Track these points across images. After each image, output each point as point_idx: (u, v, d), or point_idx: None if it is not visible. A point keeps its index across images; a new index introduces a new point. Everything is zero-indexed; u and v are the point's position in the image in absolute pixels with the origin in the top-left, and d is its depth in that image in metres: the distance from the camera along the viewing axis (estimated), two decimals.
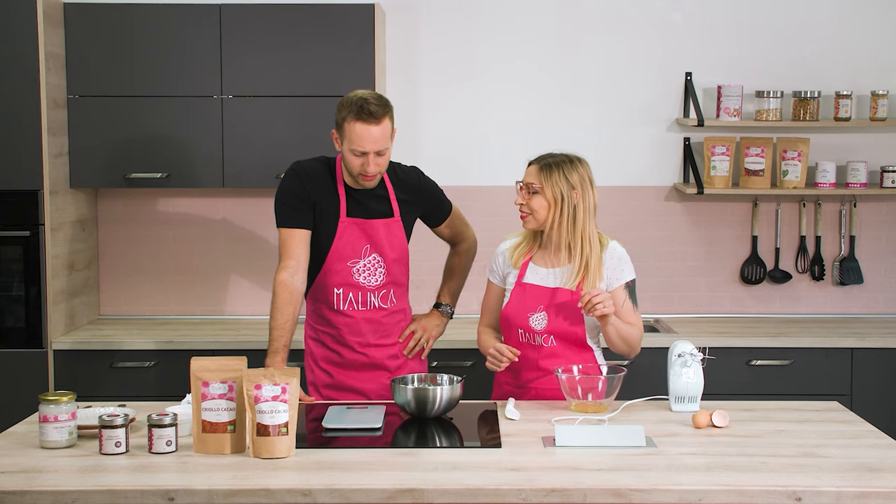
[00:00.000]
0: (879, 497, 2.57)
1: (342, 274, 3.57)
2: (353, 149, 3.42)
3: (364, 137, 3.39)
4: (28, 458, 2.83)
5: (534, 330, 3.43)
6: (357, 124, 3.39)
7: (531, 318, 3.43)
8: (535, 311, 3.42)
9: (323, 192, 3.56)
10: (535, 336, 3.43)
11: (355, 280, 3.58)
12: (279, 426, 2.80)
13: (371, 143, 3.39)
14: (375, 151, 3.42)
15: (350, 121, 3.40)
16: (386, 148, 3.45)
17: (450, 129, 5.03)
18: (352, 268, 3.57)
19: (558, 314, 3.40)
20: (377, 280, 3.60)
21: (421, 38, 5.03)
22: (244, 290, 5.07)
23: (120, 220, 5.05)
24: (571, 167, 3.40)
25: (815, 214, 5.07)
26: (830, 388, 4.51)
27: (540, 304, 3.42)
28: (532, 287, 3.45)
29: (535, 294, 3.44)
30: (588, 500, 2.58)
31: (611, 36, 5.04)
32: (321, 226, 3.56)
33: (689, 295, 5.12)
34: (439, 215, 3.78)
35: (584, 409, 3.24)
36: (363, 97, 3.42)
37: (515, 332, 3.46)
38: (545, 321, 3.41)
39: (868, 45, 5.02)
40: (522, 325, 3.44)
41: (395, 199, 3.62)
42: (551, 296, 3.42)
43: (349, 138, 3.42)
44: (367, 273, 3.59)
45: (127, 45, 4.62)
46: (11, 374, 4.47)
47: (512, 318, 3.46)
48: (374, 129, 3.39)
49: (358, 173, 3.47)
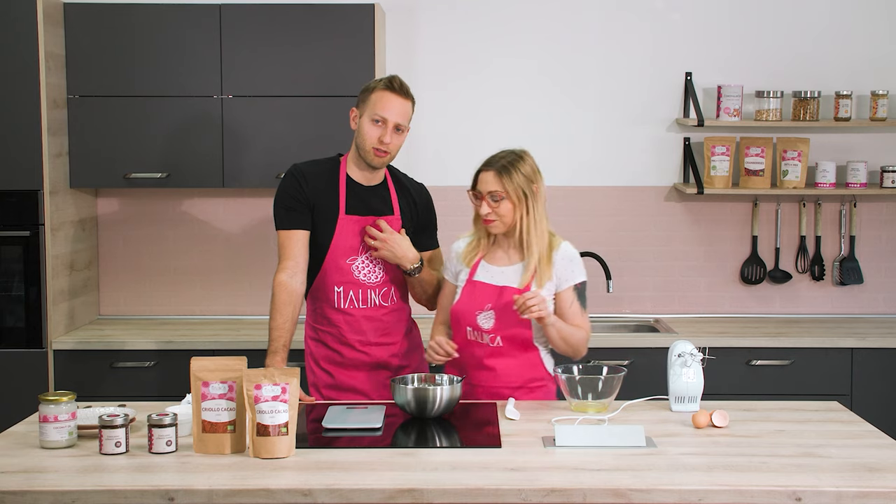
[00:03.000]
0: (879, 497, 2.57)
1: (342, 271, 3.57)
2: (376, 114, 3.48)
3: (390, 104, 3.48)
4: (28, 458, 2.83)
5: (481, 328, 3.43)
6: (385, 93, 3.49)
7: (479, 317, 3.43)
8: (483, 310, 3.43)
9: (322, 192, 3.57)
10: (483, 335, 3.43)
11: (355, 277, 3.58)
12: (279, 426, 2.80)
13: (394, 112, 3.49)
14: (395, 124, 3.49)
15: (379, 90, 3.50)
16: (404, 127, 3.53)
17: (449, 130, 5.03)
18: (351, 265, 3.58)
19: (506, 313, 3.39)
20: (377, 277, 3.60)
21: (421, 38, 5.03)
22: (244, 290, 5.07)
23: (120, 220, 5.05)
24: (523, 162, 3.41)
25: (815, 214, 5.07)
26: (830, 388, 4.51)
27: (487, 302, 3.42)
28: (481, 285, 3.45)
29: (483, 292, 3.44)
30: (588, 500, 2.58)
31: (610, 36, 5.04)
32: (320, 224, 3.57)
33: (689, 295, 5.12)
34: (425, 242, 3.71)
35: (584, 409, 3.24)
36: (393, 75, 3.57)
37: (464, 329, 3.46)
38: (492, 320, 3.41)
39: (868, 45, 5.02)
40: (470, 323, 3.44)
41: (396, 200, 3.64)
42: (498, 294, 3.42)
43: (373, 105, 3.49)
44: (367, 270, 3.59)
45: (127, 45, 4.62)
46: (11, 374, 4.48)
47: (460, 315, 3.47)
48: (400, 100, 3.50)
49: (373, 145, 3.50)
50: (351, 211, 3.58)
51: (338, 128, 4.63)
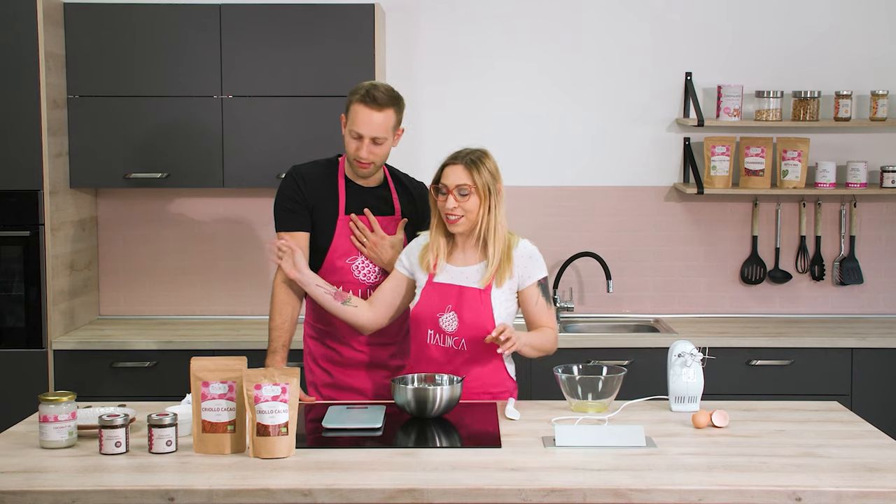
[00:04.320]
0: (879, 497, 2.57)
1: (342, 271, 3.58)
2: (352, 129, 3.48)
3: (363, 120, 3.45)
4: (28, 458, 2.83)
5: (444, 331, 3.38)
6: (360, 106, 3.46)
7: (441, 319, 3.37)
8: (444, 312, 3.37)
9: (321, 193, 3.58)
10: (447, 337, 3.38)
11: (355, 277, 3.58)
12: (279, 426, 2.80)
13: (368, 127, 3.45)
14: (371, 138, 3.46)
15: (355, 102, 3.47)
16: (384, 138, 3.49)
17: (449, 130, 5.02)
18: (350, 265, 3.58)
19: (468, 314, 3.35)
20: (376, 277, 3.60)
21: (421, 38, 5.03)
22: (244, 290, 5.07)
23: (120, 220, 5.05)
24: (487, 157, 3.36)
25: (815, 214, 5.07)
26: (830, 388, 4.51)
27: (448, 303, 3.36)
28: (441, 286, 3.39)
29: (444, 293, 3.38)
30: (588, 500, 2.58)
31: (610, 36, 5.04)
32: (320, 225, 3.57)
33: (689, 295, 5.12)
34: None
35: (584, 409, 3.24)
36: (374, 84, 3.51)
37: (425, 332, 3.41)
38: (456, 322, 3.36)
39: (868, 45, 5.02)
40: (432, 326, 3.39)
41: (396, 199, 3.65)
42: (459, 295, 3.36)
43: (352, 120, 3.48)
44: (366, 270, 3.60)
45: (127, 45, 4.63)
46: (11, 374, 4.48)
47: (421, 318, 3.40)
48: (375, 114, 3.45)
49: (353, 158, 3.52)
50: (350, 211, 3.58)
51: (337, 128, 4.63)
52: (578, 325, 5.01)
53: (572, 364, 3.37)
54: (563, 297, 5.06)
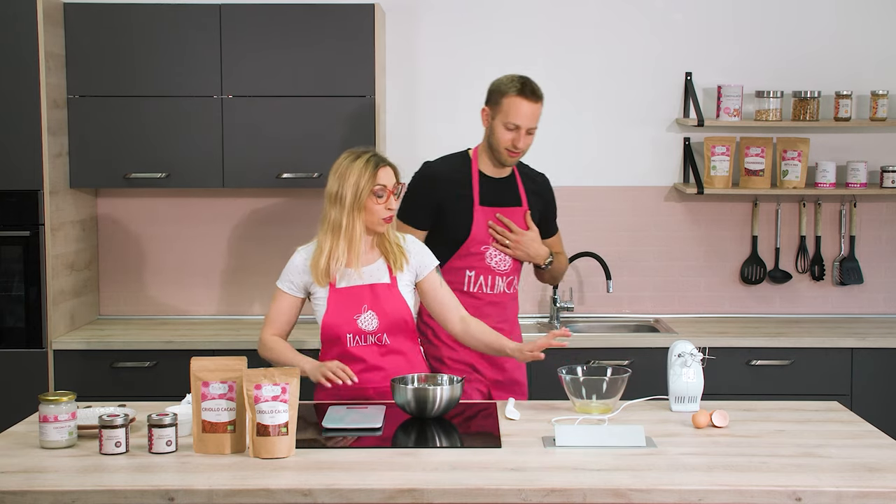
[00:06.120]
0: (879, 497, 2.57)
1: (475, 257, 3.77)
2: (509, 122, 3.69)
3: (524, 113, 3.68)
4: (28, 458, 2.83)
5: (365, 331, 3.41)
6: (519, 99, 3.68)
7: (359, 320, 3.40)
8: (361, 313, 3.40)
9: (454, 188, 3.79)
10: (367, 336, 3.41)
11: (486, 263, 3.79)
12: (279, 426, 2.80)
13: (527, 119, 3.69)
14: (527, 129, 3.69)
15: (511, 95, 3.69)
16: (535, 128, 3.73)
17: (449, 130, 5.02)
18: (484, 252, 3.78)
19: (385, 308, 3.41)
20: (506, 265, 3.81)
21: (421, 38, 5.03)
22: (244, 290, 5.07)
23: (120, 220, 5.05)
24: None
25: (815, 214, 5.07)
26: (830, 388, 4.51)
27: (363, 303, 3.40)
28: (348, 290, 3.41)
29: (354, 296, 3.40)
30: (588, 500, 2.58)
31: (611, 36, 5.04)
32: (454, 217, 3.76)
33: (689, 295, 5.12)
34: (549, 227, 3.98)
35: (588, 410, 3.24)
36: (524, 77, 3.73)
37: (343, 337, 3.40)
38: (376, 320, 3.41)
39: (868, 45, 5.02)
40: (351, 330, 3.40)
41: (523, 191, 3.86)
42: (371, 292, 3.41)
43: (506, 112, 3.69)
44: (498, 258, 3.80)
45: (127, 45, 4.62)
46: (11, 374, 4.47)
47: (336, 326, 3.40)
48: (533, 106, 3.70)
49: (505, 148, 3.72)
50: (485, 202, 3.77)
51: (337, 128, 4.64)
52: (578, 325, 5.00)
53: (576, 365, 3.37)
54: (563, 297, 5.06)
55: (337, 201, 3.37)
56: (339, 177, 3.38)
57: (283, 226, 5.03)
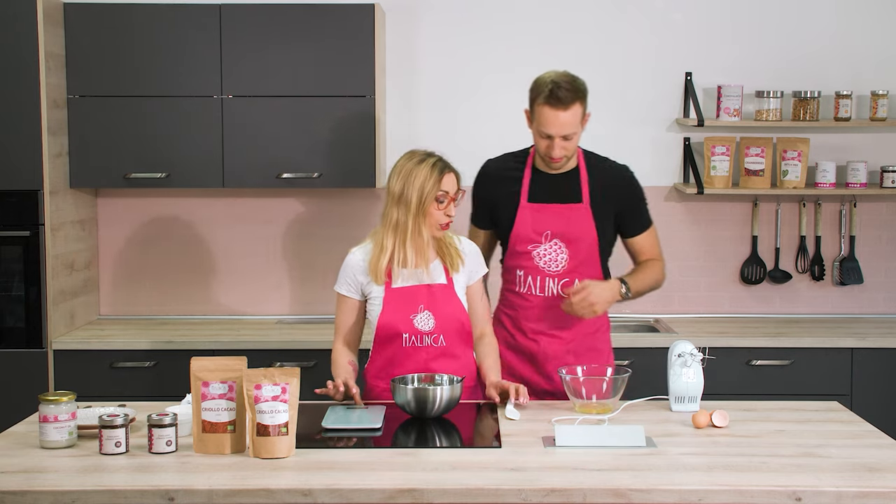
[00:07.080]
0: (879, 497, 2.57)
1: (523, 256, 3.63)
2: (541, 130, 3.50)
3: (551, 122, 3.47)
4: (28, 458, 2.83)
5: (421, 331, 3.38)
6: (545, 108, 3.46)
7: (415, 320, 3.37)
8: (418, 312, 3.38)
9: (505, 184, 3.65)
10: (424, 337, 3.38)
11: (535, 263, 3.62)
12: (279, 426, 2.80)
13: (557, 127, 3.46)
14: (561, 136, 3.48)
15: (540, 104, 3.48)
16: (573, 133, 3.50)
17: (450, 130, 5.02)
18: (532, 251, 3.62)
19: (442, 310, 3.38)
20: (559, 266, 3.62)
21: (421, 39, 5.03)
22: (244, 290, 5.07)
23: (120, 220, 5.05)
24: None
25: (815, 214, 5.07)
26: (830, 388, 4.51)
27: (420, 303, 3.37)
28: (404, 290, 3.37)
29: (411, 295, 3.37)
30: (588, 500, 2.58)
31: (610, 36, 5.04)
32: (503, 213, 3.64)
33: (689, 295, 5.11)
34: (634, 225, 3.73)
35: (589, 411, 3.24)
36: (556, 81, 3.47)
37: (399, 338, 3.37)
38: (432, 320, 3.38)
39: (868, 45, 5.02)
40: (408, 329, 3.37)
41: (586, 185, 3.63)
42: (428, 292, 3.38)
43: (538, 121, 3.51)
44: (548, 258, 3.62)
45: (127, 45, 4.62)
46: (11, 374, 4.47)
47: (392, 324, 3.36)
48: (561, 114, 3.45)
49: (544, 154, 3.56)
50: (533, 199, 3.62)
51: (337, 128, 4.64)
52: None
53: (576, 366, 3.37)
54: None
55: (402, 202, 3.32)
56: (405, 178, 3.32)
57: (284, 226, 5.03)
